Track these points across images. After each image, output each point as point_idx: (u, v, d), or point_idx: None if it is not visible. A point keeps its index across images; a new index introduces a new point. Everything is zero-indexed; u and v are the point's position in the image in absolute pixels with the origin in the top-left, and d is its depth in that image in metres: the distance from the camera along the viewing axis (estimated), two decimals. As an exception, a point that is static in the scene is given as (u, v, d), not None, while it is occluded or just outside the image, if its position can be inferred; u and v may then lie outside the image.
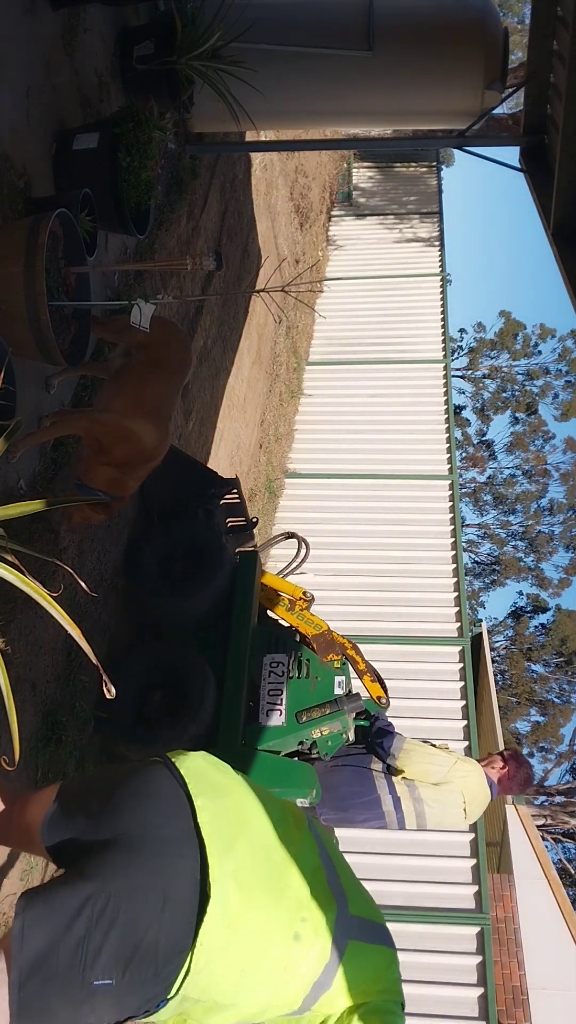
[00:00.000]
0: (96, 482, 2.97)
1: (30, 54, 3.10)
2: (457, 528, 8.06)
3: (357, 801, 3.86)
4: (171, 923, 1.53)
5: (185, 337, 3.17)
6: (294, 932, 1.62)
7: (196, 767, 1.78)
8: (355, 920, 1.73)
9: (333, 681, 3.97)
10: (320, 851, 1.81)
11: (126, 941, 1.49)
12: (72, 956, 1.47)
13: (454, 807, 3.87)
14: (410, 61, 4.72)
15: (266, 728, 3.80)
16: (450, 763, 3.89)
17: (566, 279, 3.60)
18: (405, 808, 3.85)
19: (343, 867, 1.85)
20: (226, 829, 1.66)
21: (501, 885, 8.54)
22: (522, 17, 17.22)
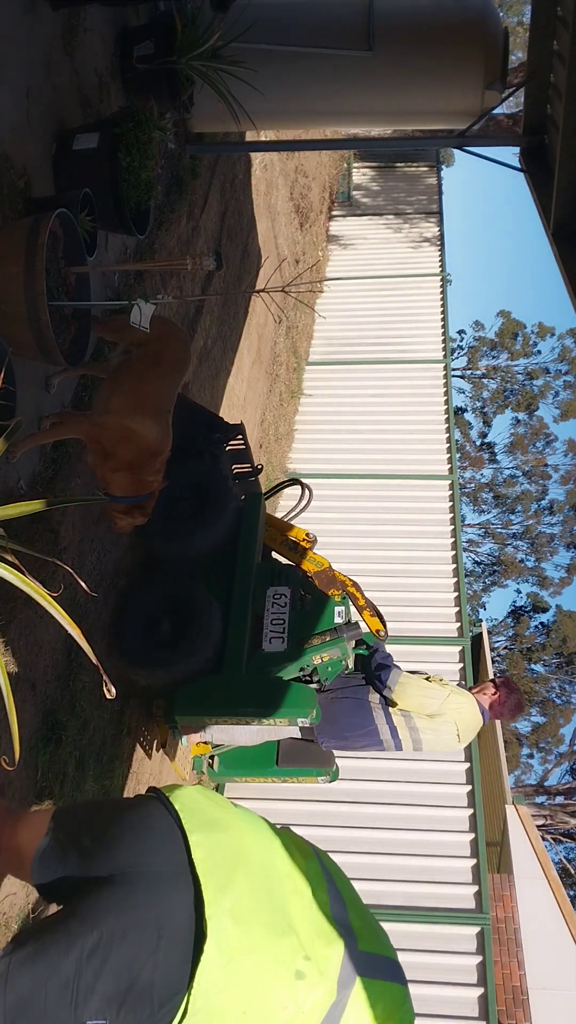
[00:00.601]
0: (118, 490, 2.99)
1: (30, 54, 3.10)
2: (457, 528, 8.06)
3: (356, 732, 4.04)
4: (167, 962, 1.48)
5: (184, 336, 3.17)
6: (296, 970, 1.56)
7: (191, 801, 1.73)
8: (364, 956, 1.66)
9: (333, 611, 4.09)
10: (328, 884, 1.74)
11: (120, 981, 1.46)
12: (59, 996, 1.44)
13: (448, 735, 4.05)
14: (410, 61, 4.72)
15: (269, 654, 3.96)
16: (444, 696, 4.05)
17: (566, 279, 3.60)
18: (402, 735, 4.05)
19: (353, 901, 1.78)
20: (223, 865, 1.61)
21: (501, 885, 8.54)
22: (522, 17, 17.21)
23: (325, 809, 5.92)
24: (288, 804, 5.96)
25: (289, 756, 4.45)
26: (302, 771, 4.43)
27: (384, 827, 5.85)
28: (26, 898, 2.93)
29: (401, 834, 5.81)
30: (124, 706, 4.10)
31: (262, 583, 4.24)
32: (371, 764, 6.15)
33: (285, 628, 4.02)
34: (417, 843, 5.77)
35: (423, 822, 5.87)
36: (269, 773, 4.52)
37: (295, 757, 4.43)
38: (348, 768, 6.16)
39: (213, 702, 3.83)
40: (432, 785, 6.05)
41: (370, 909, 1.85)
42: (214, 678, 3.88)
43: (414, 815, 5.90)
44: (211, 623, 3.90)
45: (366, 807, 5.93)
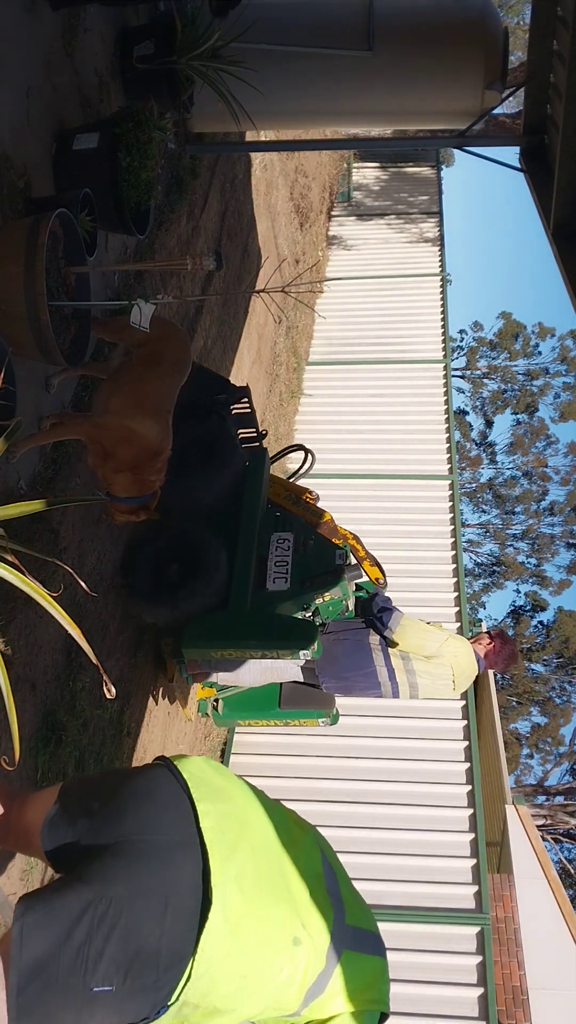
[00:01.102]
0: (120, 491, 3.00)
1: (30, 54, 3.10)
2: (457, 528, 8.06)
3: (356, 672, 4.16)
4: (173, 929, 1.51)
5: (184, 336, 3.17)
6: (294, 937, 1.62)
7: (198, 771, 1.76)
8: (351, 929, 1.73)
9: (335, 554, 4.27)
10: (321, 856, 1.80)
11: (127, 947, 1.48)
12: (72, 962, 1.45)
13: (443, 680, 4.19)
14: (410, 61, 4.72)
15: (272, 592, 4.11)
16: (442, 639, 4.22)
17: (566, 279, 3.60)
18: (399, 679, 4.16)
19: (342, 875, 1.85)
20: (228, 834, 1.64)
21: (501, 885, 8.53)
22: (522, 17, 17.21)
23: (325, 809, 5.92)
24: (289, 804, 5.95)
25: (291, 699, 4.57)
26: (304, 713, 4.58)
27: (384, 827, 5.85)
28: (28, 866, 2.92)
29: (401, 834, 5.81)
30: (124, 706, 4.10)
31: (267, 529, 4.39)
32: (371, 764, 6.16)
33: (288, 569, 4.16)
34: (417, 843, 5.77)
35: (423, 822, 5.87)
36: (272, 715, 4.66)
37: (297, 700, 4.56)
38: (348, 768, 6.17)
39: (219, 635, 3.95)
40: (432, 785, 6.05)
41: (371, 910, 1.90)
42: (220, 613, 4.01)
43: (414, 815, 5.90)
44: (217, 564, 4.04)
45: (366, 807, 5.94)
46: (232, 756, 6.28)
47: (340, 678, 4.25)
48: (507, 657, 4.42)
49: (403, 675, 4.17)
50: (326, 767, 6.19)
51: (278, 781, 6.11)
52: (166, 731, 4.90)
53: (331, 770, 6.17)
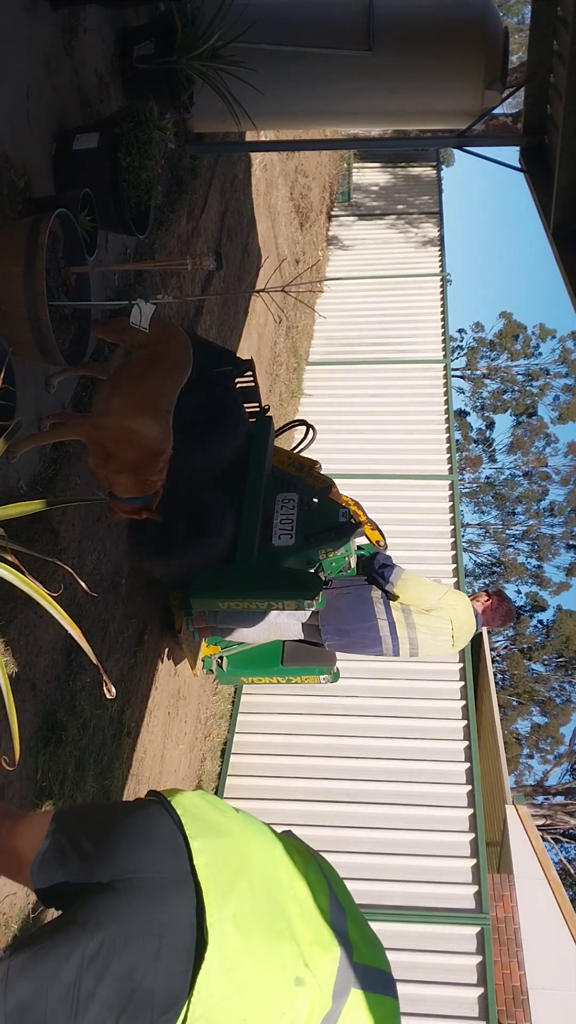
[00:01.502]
0: (123, 492, 3.00)
1: (30, 54, 3.10)
2: (457, 528, 8.06)
3: (358, 626, 4.24)
4: (167, 970, 1.47)
5: (185, 338, 3.16)
6: (296, 977, 1.55)
7: (193, 806, 1.71)
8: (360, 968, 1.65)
9: (338, 512, 4.42)
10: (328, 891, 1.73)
11: (121, 989, 1.45)
12: (60, 1003, 1.42)
13: (443, 634, 4.26)
14: (410, 61, 4.72)
15: (278, 548, 4.25)
16: (441, 592, 4.30)
17: (566, 279, 3.60)
18: (400, 634, 4.23)
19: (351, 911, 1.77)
20: (225, 871, 1.59)
21: (501, 885, 8.53)
22: (522, 17, 17.21)
23: (325, 809, 5.92)
24: (288, 804, 5.96)
25: (293, 656, 4.72)
26: (305, 670, 4.73)
27: (384, 827, 5.85)
28: (26, 898, 2.92)
29: (401, 834, 5.81)
30: (124, 706, 4.10)
31: (272, 490, 4.53)
32: (371, 765, 6.16)
33: (293, 526, 4.32)
34: (417, 843, 5.77)
35: (423, 822, 5.87)
36: (274, 673, 4.78)
37: (299, 657, 4.71)
38: (348, 768, 6.18)
39: (225, 587, 4.08)
40: (432, 785, 6.06)
41: (370, 909, 1.86)
42: (227, 566, 4.14)
43: (414, 815, 5.90)
44: (224, 522, 4.17)
45: (366, 807, 5.94)
46: (232, 756, 6.28)
47: (342, 632, 4.31)
48: (504, 615, 4.49)
49: (404, 629, 4.24)
50: (326, 767, 6.19)
51: (278, 781, 6.11)
52: (166, 731, 4.91)
53: (331, 770, 6.17)
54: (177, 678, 5.17)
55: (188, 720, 5.45)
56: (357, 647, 4.38)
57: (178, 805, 1.69)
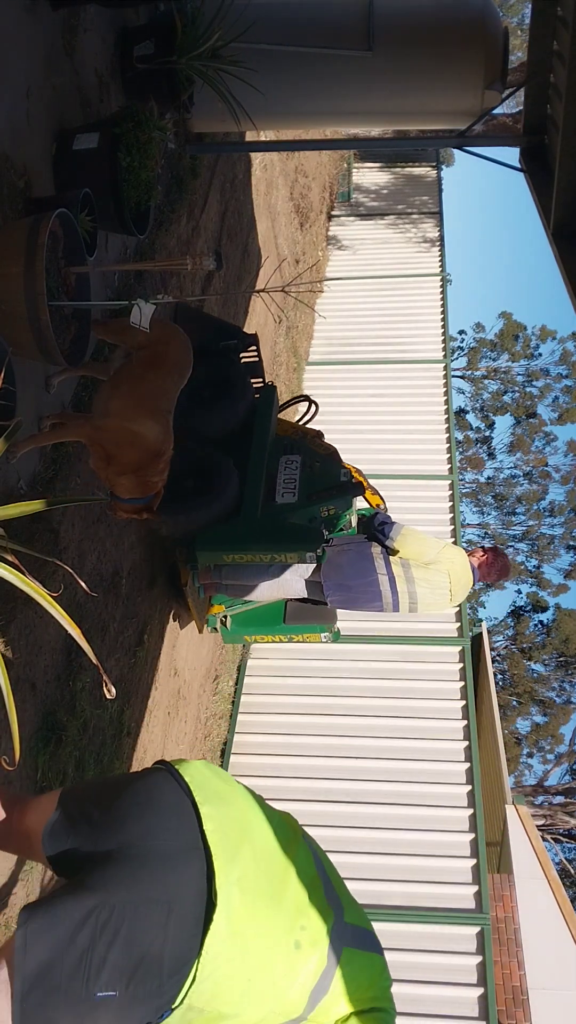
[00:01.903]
0: (124, 493, 2.99)
1: (30, 54, 3.10)
2: (457, 528, 8.06)
3: (359, 581, 4.32)
4: (175, 935, 1.51)
5: (186, 339, 3.16)
6: (294, 940, 1.63)
7: (199, 775, 1.76)
8: (349, 928, 1.74)
9: (339, 472, 4.59)
10: (316, 861, 1.81)
11: (130, 953, 1.48)
12: (75, 968, 1.46)
13: (441, 588, 4.36)
14: (410, 61, 4.72)
15: (281, 504, 4.42)
16: (439, 546, 4.41)
17: (566, 279, 3.60)
18: (399, 589, 4.31)
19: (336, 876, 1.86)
20: (231, 837, 1.65)
21: (501, 885, 8.53)
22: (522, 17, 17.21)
23: (325, 809, 5.92)
24: (288, 805, 5.93)
25: (295, 615, 4.88)
26: (307, 628, 4.91)
27: (384, 827, 5.85)
28: (26, 899, 2.93)
29: (401, 834, 5.81)
30: (124, 706, 4.10)
31: (276, 453, 4.68)
32: (371, 765, 6.16)
33: (296, 486, 4.49)
34: (417, 843, 5.77)
35: (423, 822, 5.87)
36: (277, 631, 4.94)
37: (301, 616, 4.87)
38: (348, 768, 6.17)
39: (231, 540, 4.27)
40: (432, 785, 6.05)
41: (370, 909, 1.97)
42: (232, 521, 4.33)
43: (414, 815, 5.90)
44: (229, 480, 4.34)
45: (366, 807, 5.94)
46: (232, 756, 6.28)
47: (344, 587, 4.38)
48: (500, 570, 4.58)
49: (403, 583, 4.32)
50: (326, 767, 6.19)
51: (278, 781, 6.11)
52: (166, 731, 4.91)
53: (331, 770, 6.17)
54: (177, 678, 5.17)
55: (188, 720, 5.45)
56: (358, 603, 4.44)
57: (185, 772, 1.74)
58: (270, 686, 6.84)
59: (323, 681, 6.81)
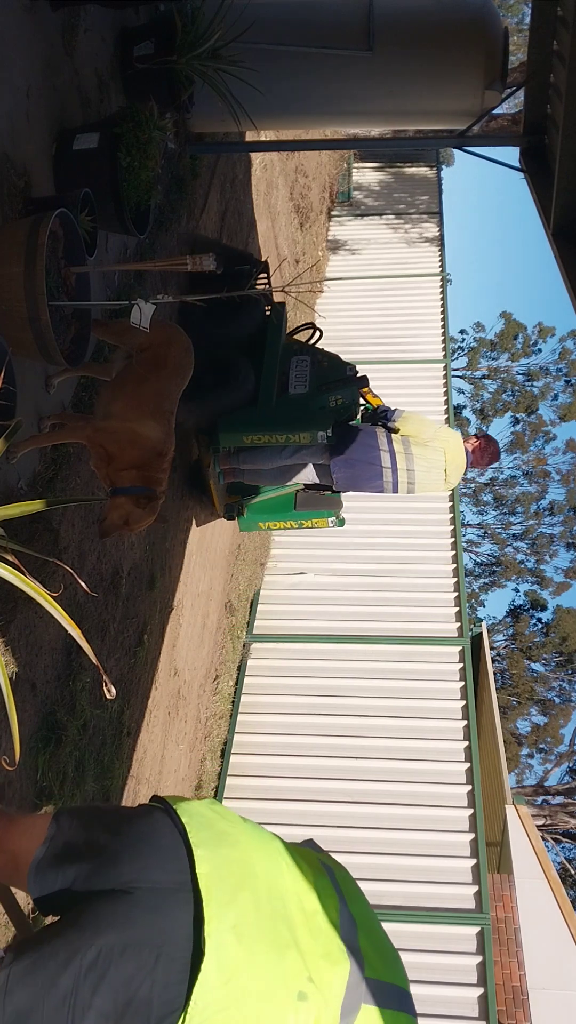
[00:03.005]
0: (126, 483, 2.85)
1: (30, 54, 3.10)
2: (457, 528, 8.06)
3: (363, 457, 4.72)
4: (164, 980, 1.46)
5: (187, 340, 3.16)
6: (299, 991, 1.52)
7: (199, 815, 1.68)
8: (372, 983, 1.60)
9: (345, 367, 5.10)
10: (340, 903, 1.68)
11: (116, 999, 1.44)
12: (56, 1011, 1.42)
13: (437, 466, 4.73)
14: (410, 61, 4.72)
15: (293, 395, 4.89)
16: (436, 427, 4.83)
17: (566, 279, 3.60)
18: (399, 466, 4.71)
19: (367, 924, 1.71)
20: (228, 880, 1.57)
21: (501, 885, 8.53)
22: (522, 17, 17.20)
23: (325, 809, 5.92)
24: (288, 804, 5.96)
25: (305, 502, 5.38)
26: (315, 513, 5.41)
27: (384, 827, 5.85)
28: (26, 898, 2.92)
29: (401, 834, 5.81)
30: (124, 706, 4.10)
31: (287, 355, 5.14)
32: (371, 765, 6.16)
33: (307, 379, 4.95)
34: (417, 843, 5.77)
35: (423, 822, 5.87)
36: (288, 517, 5.46)
37: (310, 503, 5.37)
38: (348, 768, 6.18)
39: (250, 424, 4.78)
40: (432, 785, 6.06)
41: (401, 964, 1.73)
42: (250, 408, 4.82)
43: (414, 815, 5.90)
44: (247, 375, 4.83)
45: (366, 807, 5.94)
46: (232, 756, 6.29)
47: (349, 463, 4.77)
48: (491, 455, 4.96)
49: (403, 460, 4.71)
50: (326, 767, 6.20)
51: (278, 781, 6.11)
52: (166, 731, 4.91)
53: (331, 770, 6.17)
54: (177, 678, 5.18)
55: (188, 720, 5.45)
56: (361, 480, 4.82)
57: (184, 813, 1.66)
58: (270, 686, 6.84)
59: (323, 681, 6.82)
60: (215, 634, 6.25)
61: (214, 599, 6.19)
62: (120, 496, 2.82)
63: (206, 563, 5.94)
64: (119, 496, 2.82)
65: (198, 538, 5.70)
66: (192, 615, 5.54)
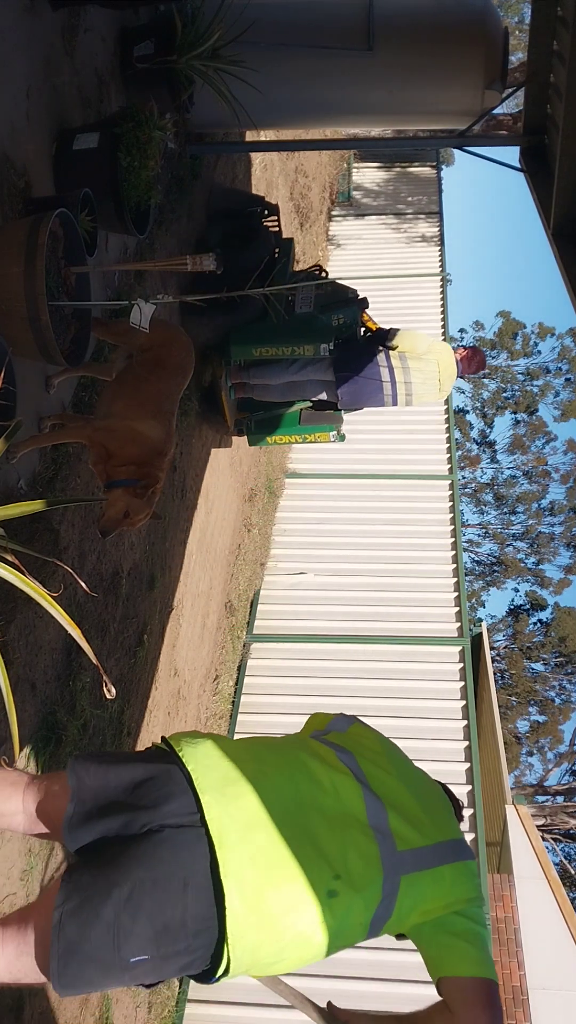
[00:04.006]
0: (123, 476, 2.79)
1: (30, 54, 3.10)
2: (457, 528, 8.06)
3: (365, 375, 5.16)
4: (195, 905, 1.64)
5: (188, 341, 3.16)
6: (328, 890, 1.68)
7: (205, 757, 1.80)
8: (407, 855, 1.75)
9: (348, 290, 5.55)
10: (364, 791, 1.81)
11: (154, 924, 1.63)
12: (102, 939, 1.62)
13: (432, 377, 5.21)
14: (410, 61, 4.72)
15: (299, 314, 5.30)
16: (430, 341, 5.31)
17: (566, 279, 3.60)
18: (397, 380, 5.16)
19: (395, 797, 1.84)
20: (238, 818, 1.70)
21: (501, 885, 8.53)
22: (522, 17, 17.19)
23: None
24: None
25: (309, 419, 5.88)
26: (318, 428, 5.94)
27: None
28: (26, 899, 2.93)
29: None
30: (124, 706, 4.10)
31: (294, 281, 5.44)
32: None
33: (311, 300, 5.34)
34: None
35: (423, 822, 5.86)
36: (293, 431, 6.01)
37: (313, 419, 5.88)
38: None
39: (259, 338, 5.25)
40: (432, 785, 6.05)
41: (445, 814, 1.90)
42: (259, 324, 5.32)
43: (414, 815, 5.89)
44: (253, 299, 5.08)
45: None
46: (232, 756, 6.28)
47: (352, 380, 5.21)
48: (478, 363, 5.42)
49: (400, 373, 5.15)
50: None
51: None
52: (166, 731, 4.91)
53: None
54: (177, 678, 5.18)
55: (188, 720, 5.45)
56: (364, 395, 5.27)
57: (189, 759, 1.78)
58: (270, 686, 6.84)
59: (323, 681, 6.81)
60: (215, 634, 6.25)
61: (214, 599, 6.20)
62: (117, 489, 2.76)
63: (206, 563, 5.94)
64: (116, 489, 2.77)
65: (198, 538, 5.70)
66: (192, 615, 5.54)
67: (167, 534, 4.93)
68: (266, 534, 7.82)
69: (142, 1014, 4.43)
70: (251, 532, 7.27)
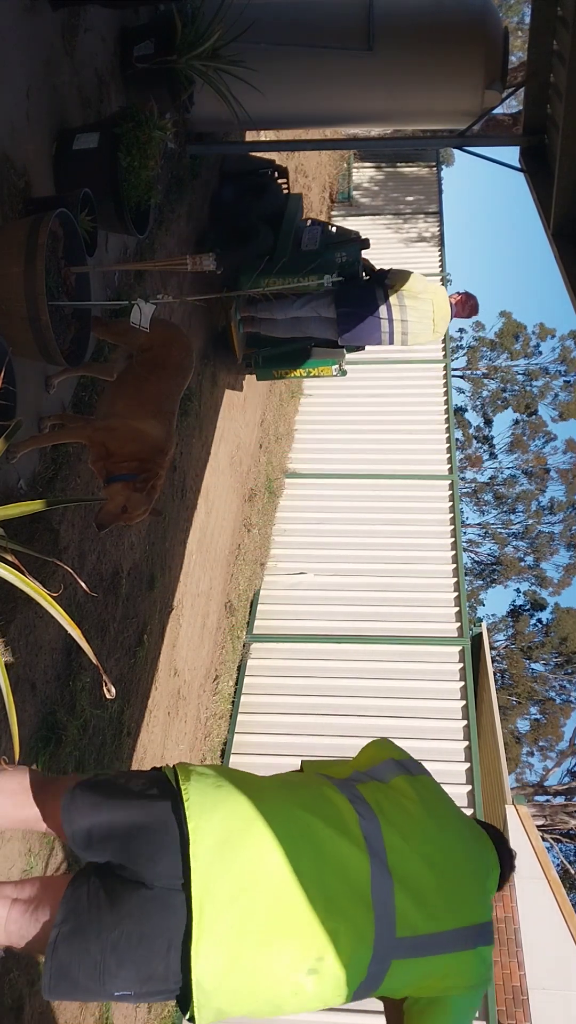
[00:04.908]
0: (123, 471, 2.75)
1: (30, 54, 3.10)
2: (457, 528, 8.06)
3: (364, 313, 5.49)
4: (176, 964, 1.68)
5: (188, 341, 3.16)
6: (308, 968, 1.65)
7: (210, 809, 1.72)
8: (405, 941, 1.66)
9: (350, 232, 5.87)
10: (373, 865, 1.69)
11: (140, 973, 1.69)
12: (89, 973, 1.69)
13: (427, 316, 5.52)
14: (410, 61, 4.72)
15: (306, 250, 5.72)
16: (426, 282, 5.66)
17: (566, 279, 3.60)
18: (395, 318, 5.48)
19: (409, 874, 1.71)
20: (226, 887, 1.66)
21: (501, 885, 8.51)
22: (522, 17, 17.18)
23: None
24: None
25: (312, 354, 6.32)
26: (321, 362, 6.40)
27: (384, 827, 5.84)
28: (26, 898, 2.92)
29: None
30: (124, 706, 4.10)
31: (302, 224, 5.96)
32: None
33: (317, 239, 5.77)
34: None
35: (423, 822, 5.86)
36: (298, 366, 6.43)
37: (316, 354, 6.32)
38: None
39: (267, 269, 5.49)
40: (432, 785, 6.04)
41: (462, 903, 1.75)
42: (269, 259, 5.58)
43: (414, 815, 5.89)
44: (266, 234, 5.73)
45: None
46: (232, 756, 6.28)
47: (353, 316, 5.50)
48: (471, 307, 5.76)
49: (398, 312, 5.45)
50: (326, 767, 6.18)
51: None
52: (166, 731, 4.91)
53: (331, 770, 6.16)
54: (177, 678, 5.18)
55: (188, 720, 5.45)
56: (363, 332, 5.55)
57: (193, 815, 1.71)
58: (270, 686, 6.84)
59: (323, 681, 6.81)
60: (215, 634, 6.25)
61: (214, 599, 6.20)
62: (116, 483, 2.72)
63: (206, 563, 5.94)
64: (115, 483, 2.73)
65: (198, 538, 5.70)
66: (192, 615, 5.54)
67: (167, 534, 4.93)
68: (266, 534, 7.82)
69: (142, 1014, 4.43)
70: (251, 532, 7.27)
